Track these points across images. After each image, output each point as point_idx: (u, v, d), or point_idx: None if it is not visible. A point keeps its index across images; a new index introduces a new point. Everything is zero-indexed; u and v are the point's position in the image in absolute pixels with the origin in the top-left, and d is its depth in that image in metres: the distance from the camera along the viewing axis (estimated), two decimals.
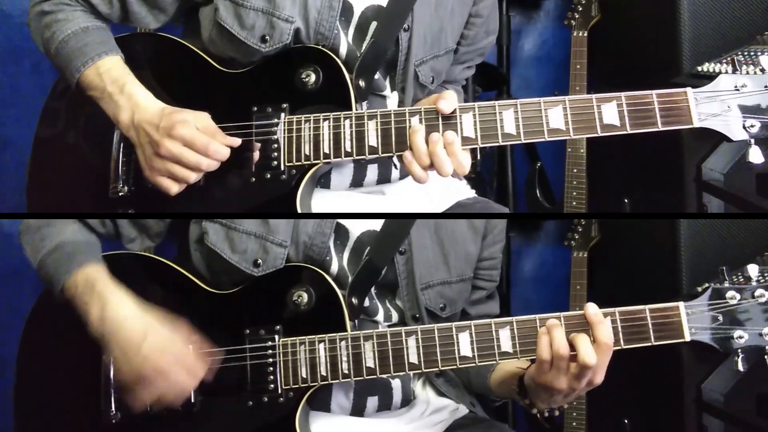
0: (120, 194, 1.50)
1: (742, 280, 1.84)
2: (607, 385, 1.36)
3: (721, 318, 1.36)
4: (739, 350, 1.36)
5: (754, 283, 1.37)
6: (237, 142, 1.44)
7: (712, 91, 1.37)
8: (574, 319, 1.36)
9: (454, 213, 1.60)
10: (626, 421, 2.30)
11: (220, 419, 1.42)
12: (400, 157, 1.42)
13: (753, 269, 1.39)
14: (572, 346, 1.33)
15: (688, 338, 1.36)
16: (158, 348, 1.35)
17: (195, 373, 1.37)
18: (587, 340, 1.33)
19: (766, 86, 1.36)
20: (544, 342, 1.34)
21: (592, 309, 1.35)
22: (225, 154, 1.42)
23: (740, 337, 1.35)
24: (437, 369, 1.42)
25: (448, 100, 1.39)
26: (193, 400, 1.41)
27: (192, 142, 1.40)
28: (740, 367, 1.37)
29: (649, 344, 1.36)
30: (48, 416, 1.48)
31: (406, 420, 1.54)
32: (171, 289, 1.49)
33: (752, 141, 1.37)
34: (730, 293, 1.36)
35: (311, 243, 1.48)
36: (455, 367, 1.40)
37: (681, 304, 1.37)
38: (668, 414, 2.11)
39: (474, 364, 1.40)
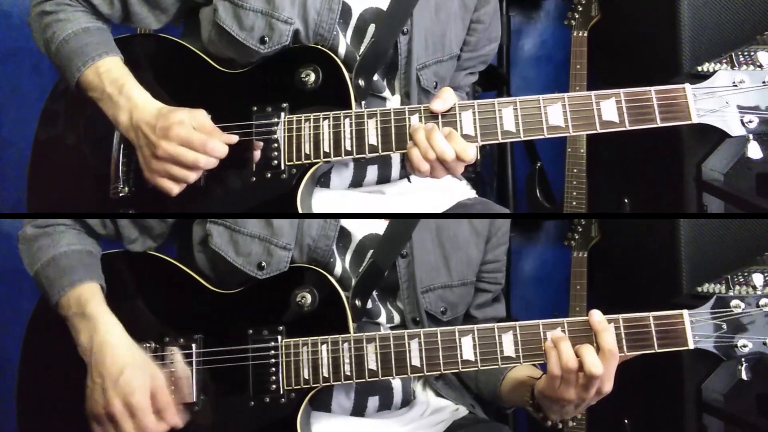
0: (120, 195, 1.50)
1: (744, 282, 1.84)
2: None
3: (725, 326, 1.36)
4: (743, 359, 1.36)
5: (759, 292, 1.37)
6: (234, 139, 1.43)
7: (711, 87, 1.37)
8: (577, 326, 1.36)
9: (457, 213, 1.60)
10: (626, 421, 2.30)
11: (221, 419, 1.42)
12: (402, 157, 1.42)
13: (758, 278, 1.38)
14: (578, 356, 1.33)
15: (691, 346, 1.36)
16: (134, 385, 1.33)
17: (166, 419, 1.35)
18: (592, 351, 1.32)
19: (764, 82, 1.36)
20: (553, 357, 1.34)
21: (596, 316, 1.35)
22: (223, 151, 1.42)
23: (744, 346, 1.35)
24: (439, 372, 1.42)
25: (443, 99, 1.40)
26: (195, 399, 1.41)
27: (189, 141, 1.39)
28: (744, 376, 1.37)
29: (653, 351, 1.36)
30: (51, 416, 1.48)
31: (406, 420, 1.54)
32: (175, 287, 1.49)
33: (750, 136, 1.37)
34: (734, 302, 1.36)
35: (315, 246, 1.48)
36: (457, 370, 1.40)
37: (685, 312, 1.36)
38: (668, 414, 2.11)
39: (476, 368, 1.40)
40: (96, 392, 1.34)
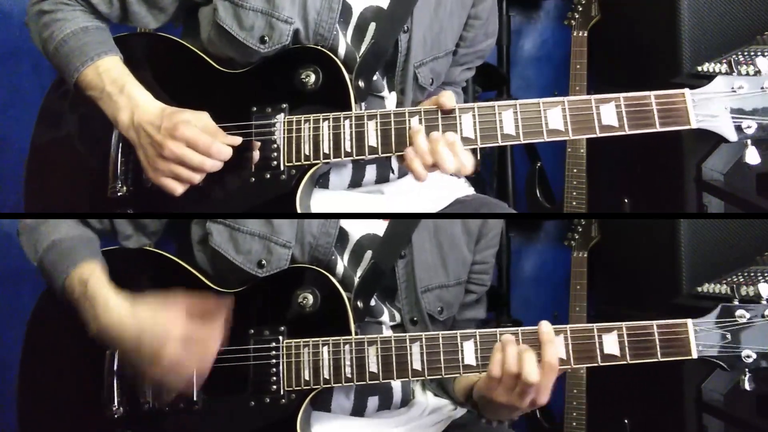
0: (118, 194, 1.49)
1: (744, 282, 1.84)
2: (607, 385, 1.36)
3: (729, 336, 1.34)
4: (747, 369, 1.35)
5: (764, 302, 1.35)
6: (237, 140, 1.43)
7: (710, 93, 1.37)
8: (533, 335, 1.35)
9: (458, 213, 1.60)
10: (626, 421, 2.30)
11: (222, 418, 1.42)
12: (398, 157, 1.42)
13: (764, 288, 1.36)
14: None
15: (695, 355, 1.35)
16: (157, 345, 1.32)
17: (208, 348, 1.35)
18: (533, 359, 1.32)
19: (762, 88, 1.36)
20: (497, 359, 1.34)
21: (545, 327, 1.35)
22: (228, 153, 1.42)
23: (748, 357, 1.34)
24: (440, 376, 1.42)
25: (448, 98, 1.40)
26: (195, 398, 1.41)
27: (195, 142, 1.40)
28: (747, 387, 1.35)
29: (656, 360, 1.35)
30: (51, 413, 1.48)
31: (405, 420, 1.54)
32: (175, 286, 1.49)
33: (749, 142, 1.37)
34: (739, 312, 1.35)
35: (316, 244, 1.48)
36: (459, 375, 1.40)
37: (689, 321, 1.35)
38: (668, 414, 2.12)
39: (478, 373, 1.39)
40: (129, 361, 1.36)
